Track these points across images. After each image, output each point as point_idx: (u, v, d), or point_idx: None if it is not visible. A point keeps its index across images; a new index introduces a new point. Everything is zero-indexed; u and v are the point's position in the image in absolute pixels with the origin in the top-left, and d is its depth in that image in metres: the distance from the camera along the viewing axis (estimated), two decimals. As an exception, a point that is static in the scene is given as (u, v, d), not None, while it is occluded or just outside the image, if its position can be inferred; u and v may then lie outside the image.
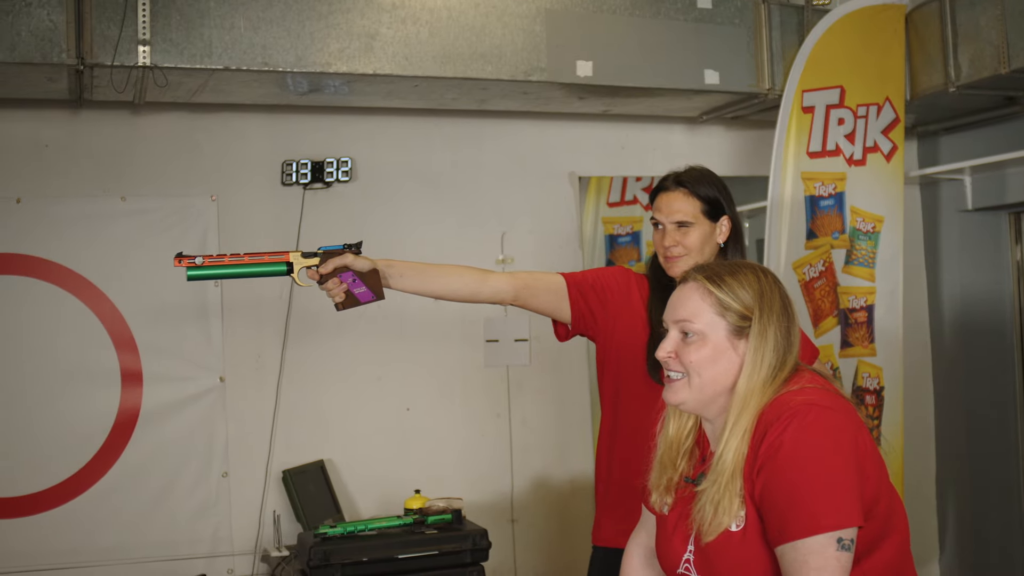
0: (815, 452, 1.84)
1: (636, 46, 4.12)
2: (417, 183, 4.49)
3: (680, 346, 2.01)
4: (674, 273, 2.86)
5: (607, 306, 2.90)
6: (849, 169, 4.27)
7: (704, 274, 2.02)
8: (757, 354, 1.96)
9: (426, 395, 4.45)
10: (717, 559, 1.96)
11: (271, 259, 2.75)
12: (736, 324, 1.97)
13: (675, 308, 2.03)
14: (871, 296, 4.30)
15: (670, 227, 2.84)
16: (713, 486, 1.93)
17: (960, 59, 4.28)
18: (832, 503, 1.82)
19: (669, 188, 2.89)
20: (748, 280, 2.00)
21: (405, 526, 3.61)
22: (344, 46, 3.77)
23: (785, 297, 2.02)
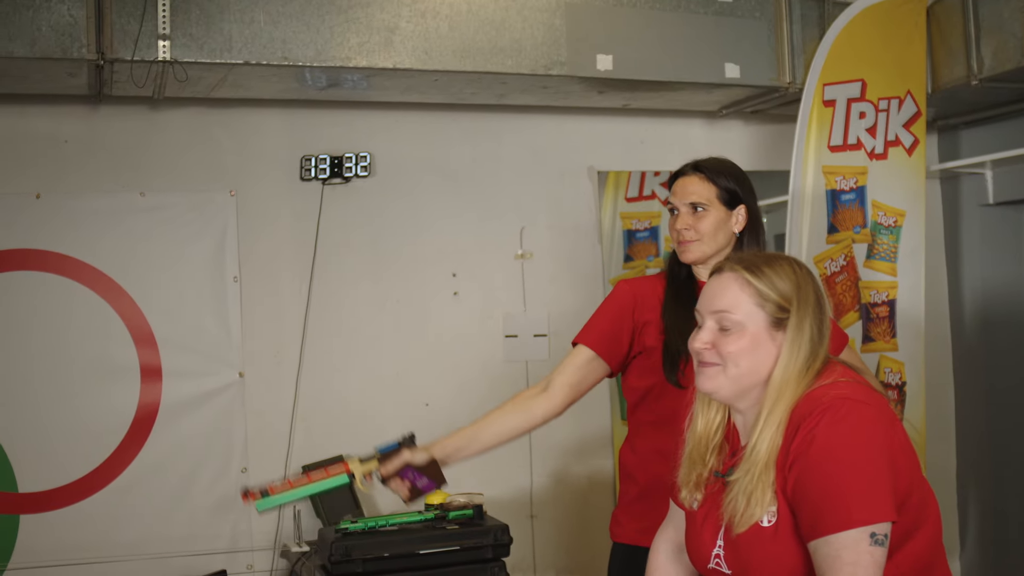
0: (848, 446, 1.83)
1: (656, 40, 4.10)
2: (436, 178, 4.48)
3: (717, 337, 1.99)
4: (687, 259, 2.86)
5: (632, 332, 2.87)
6: (870, 163, 4.24)
7: (742, 264, 2.00)
8: (793, 346, 1.95)
9: (445, 390, 4.43)
10: (748, 554, 1.94)
11: (331, 473, 2.92)
12: (775, 316, 1.96)
13: (712, 299, 2.02)
14: (893, 291, 4.27)
15: (684, 210, 2.84)
16: (746, 476, 1.92)
17: (983, 52, 4.24)
18: (865, 498, 1.80)
19: (686, 173, 2.90)
20: (785, 271, 1.99)
21: (426, 521, 3.60)
22: (364, 40, 3.76)
23: (819, 289, 2.01)
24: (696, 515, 2.10)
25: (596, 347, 2.87)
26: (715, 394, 2.02)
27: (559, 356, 4.51)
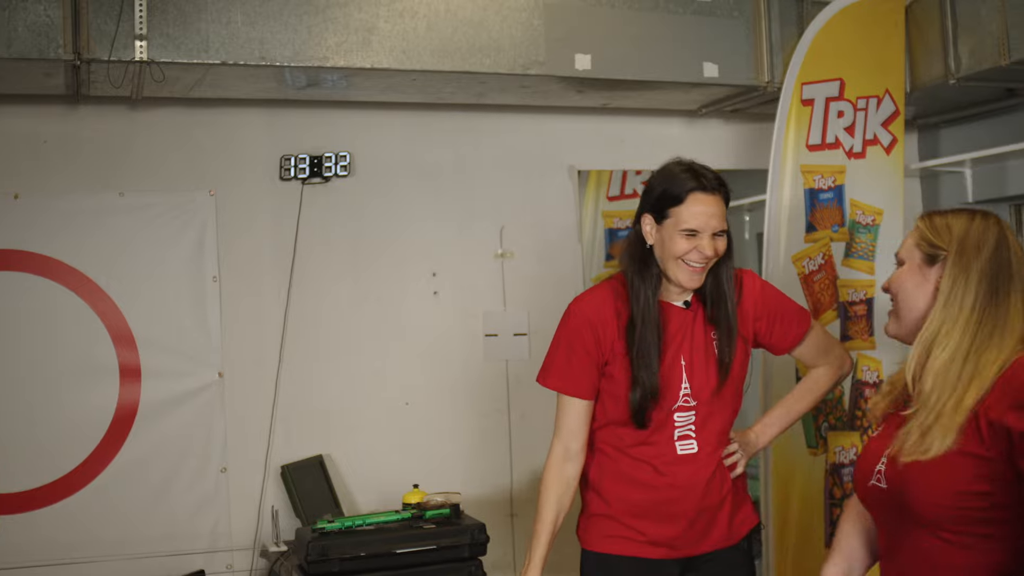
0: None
1: (634, 39, 4.11)
2: (416, 177, 4.48)
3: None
4: (695, 284, 2.70)
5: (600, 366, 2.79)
6: (849, 162, 4.25)
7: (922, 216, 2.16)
8: (955, 286, 2.02)
9: (425, 390, 4.44)
10: (908, 469, 1.98)
11: None
12: (927, 252, 2.08)
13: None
14: (871, 289, 4.28)
15: (708, 236, 2.65)
16: (923, 412, 1.97)
17: (960, 51, 4.26)
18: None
19: (708, 190, 2.68)
20: (960, 218, 2.08)
21: (403, 521, 3.61)
22: (342, 40, 3.76)
23: (1005, 240, 2.05)
24: (870, 443, 2.17)
25: (587, 395, 2.80)
26: (896, 335, 2.15)
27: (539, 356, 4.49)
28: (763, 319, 2.86)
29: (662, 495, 2.78)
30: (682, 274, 2.68)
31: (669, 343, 2.74)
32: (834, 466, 4.16)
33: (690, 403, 2.75)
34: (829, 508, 4.16)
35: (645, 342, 2.70)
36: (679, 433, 2.76)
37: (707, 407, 2.76)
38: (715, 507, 2.81)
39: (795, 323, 2.92)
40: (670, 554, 2.80)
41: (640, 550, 2.80)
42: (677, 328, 2.76)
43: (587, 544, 2.89)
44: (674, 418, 2.75)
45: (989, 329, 1.96)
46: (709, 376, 2.76)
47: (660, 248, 2.71)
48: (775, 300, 2.91)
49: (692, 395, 2.75)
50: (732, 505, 2.86)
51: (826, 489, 4.16)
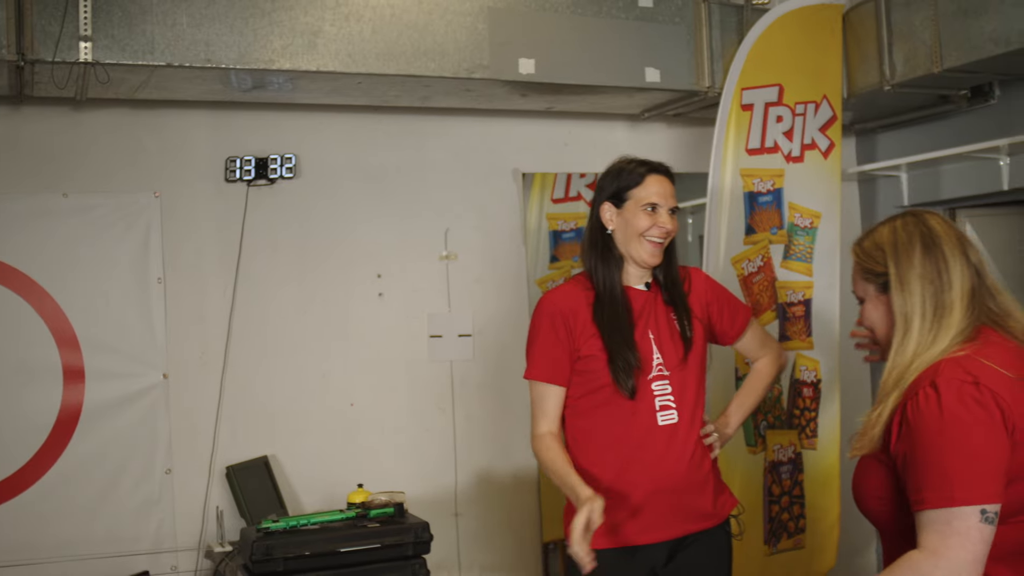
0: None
1: (578, 44, 4.17)
2: (361, 179, 4.51)
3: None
4: (655, 261, 2.94)
5: (571, 352, 2.93)
6: (787, 166, 4.34)
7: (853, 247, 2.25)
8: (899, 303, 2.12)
9: (370, 390, 4.47)
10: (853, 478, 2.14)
11: None
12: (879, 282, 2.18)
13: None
14: (808, 290, 4.37)
15: (666, 212, 2.94)
16: (872, 412, 2.10)
17: (895, 58, 4.36)
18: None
19: (662, 172, 3.00)
20: (883, 233, 2.19)
21: (347, 520, 3.63)
22: (287, 43, 3.78)
23: (930, 240, 2.12)
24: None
25: (563, 381, 2.93)
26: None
27: (483, 356, 4.60)
28: (714, 304, 3.07)
29: (650, 469, 2.87)
30: (644, 250, 2.91)
31: (636, 320, 2.93)
32: (772, 464, 4.24)
33: (664, 372, 2.91)
34: (768, 505, 4.24)
35: (616, 317, 2.89)
36: (660, 403, 2.90)
37: (679, 375, 2.92)
38: (700, 483, 2.93)
39: (740, 311, 3.15)
40: (658, 538, 2.88)
41: (629, 538, 2.87)
42: (641, 307, 2.95)
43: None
44: (652, 387, 2.90)
45: (935, 332, 2.05)
46: (676, 347, 2.94)
47: (622, 230, 2.94)
48: (722, 290, 3.16)
49: (665, 364, 2.91)
50: (715, 484, 2.99)
51: (765, 487, 4.24)
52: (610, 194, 2.98)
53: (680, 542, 2.91)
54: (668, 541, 2.89)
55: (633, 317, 2.93)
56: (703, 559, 2.94)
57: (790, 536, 4.32)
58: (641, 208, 2.92)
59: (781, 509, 4.28)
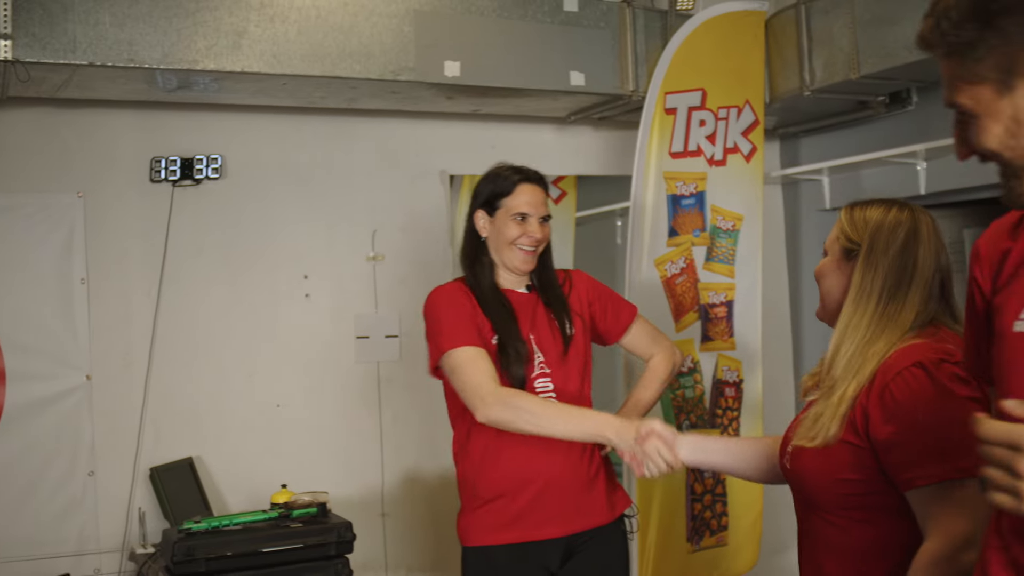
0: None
1: (504, 47, 4.20)
2: (288, 180, 4.51)
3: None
4: (527, 269, 2.97)
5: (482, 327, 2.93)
6: (710, 169, 4.40)
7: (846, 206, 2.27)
8: (863, 280, 2.13)
9: (297, 391, 4.47)
10: (800, 457, 2.13)
11: None
12: (844, 247, 2.19)
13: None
14: (731, 292, 4.44)
15: (536, 220, 2.96)
16: (820, 402, 2.11)
17: (814, 64, 4.45)
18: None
19: (533, 181, 3.01)
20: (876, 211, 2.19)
21: (270, 520, 3.64)
22: (212, 43, 3.78)
23: (911, 238, 2.14)
24: (793, 423, 2.29)
25: (480, 343, 2.86)
26: (820, 318, 2.28)
27: (410, 357, 4.62)
28: (596, 302, 3.11)
29: (539, 465, 2.88)
30: (516, 258, 2.95)
31: (518, 320, 2.96)
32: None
33: (546, 370, 2.93)
34: (691, 503, 4.30)
35: (502, 315, 2.92)
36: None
37: (561, 371, 2.95)
38: (591, 479, 2.95)
39: (624, 308, 3.19)
40: (553, 533, 2.89)
41: (523, 534, 2.87)
42: (521, 309, 2.98)
43: (468, 540, 2.94)
44: (535, 385, 2.92)
45: (885, 322, 2.08)
46: (556, 344, 2.97)
47: (494, 238, 2.98)
48: (604, 289, 3.19)
49: (546, 362, 2.94)
50: (607, 481, 3.01)
51: (687, 485, 4.30)
52: (483, 201, 3.02)
53: (575, 539, 2.92)
54: (563, 538, 2.91)
55: (515, 315, 2.96)
56: (599, 559, 2.96)
57: (712, 534, 4.38)
58: (511, 217, 2.95)
59: (704, 507, 4.35)
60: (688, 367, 4.28)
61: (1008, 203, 1.45)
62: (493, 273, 2.99)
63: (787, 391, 5.28)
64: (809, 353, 5.31)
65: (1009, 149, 1.40)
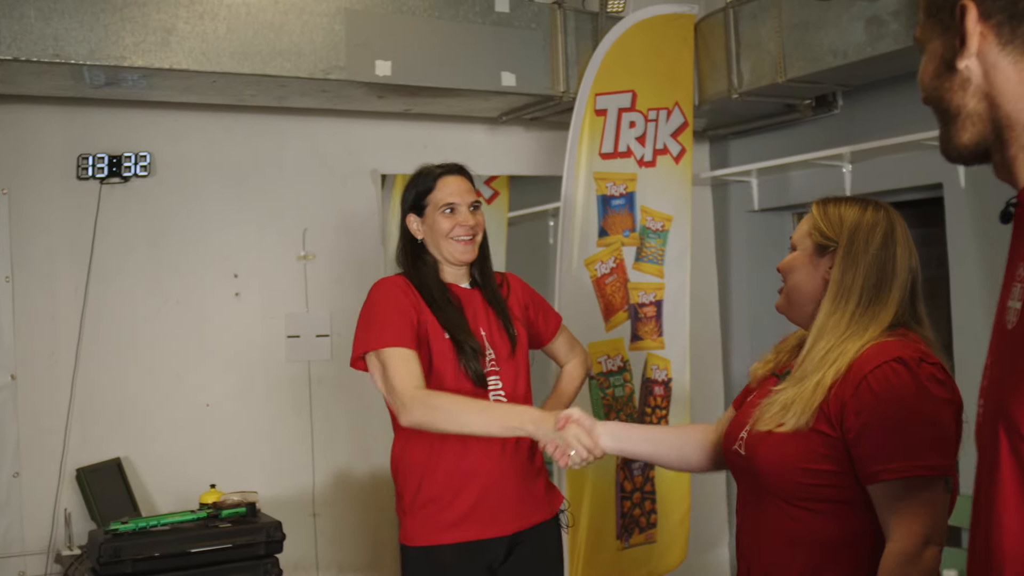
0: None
1: (435, 47, 4.21)
2: (218, 179, 4.48)
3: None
4: (469, 258, 2.99)
5: (419, 325, 2.91)
6: (640, 170, 4.45)
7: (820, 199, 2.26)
8: (844, 276, 2.14)
9: (226, 391, 4.44)
10: (759, 442, 2.13)
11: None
12: (819, 243, 2.20)
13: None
14: (660, 292, 4.49)
15: (466, 209, 2.97)
16: (791, 389, 2.11)
17: (742, 67, 4.52)
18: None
19: (453, 172, 3.04)
20: (853, 209, 2.20)
21: (198, 520, 3.61)
22: (140, 40, 3.74)
23: (889, 237, 2.16)
24: (746, 404, 2.29)
25: (410, 344, 2.83)
26: (782, 311, 2.28)
27: (342, 356, 4.58)
28: (531, 306, 3.17)
29: (483, 464, 2.90)
30: (455, 250, 2.97)
31: (467, 315, 2.98)
32: (625, 460, 4.34)
33: (495, 367, 2.96)
34: (620, 501, 4.35)
35: (451, 312, 2.94)
36: (493, 397, 2.94)
37: (509, 369, 2.98)
38: (534, 476, 3.00)
39: (553, 315, 3.27)
40: (497, 532, 2.91)
41: (468, 533, 2.88)
42: (467, 304, 3.01)
43: (411, 540, 2.93)
44: (487, 381, 2.94)
45: (867, 321, 2.10)
46: (504, 342, 3.00)
47: (430, 236, 3.00)
48: (536, 294, 3.25)
49: (496, 360, 2.96)
50: (546, 478, 3.07)
51: (617, 483, 4.34)
52: (410, 205, 3.05)
53: (516, 537, 2.95)
54: (506, 536, 2.93)
55: (463, 310, 2.99)
56: (538, 554, 3.00)
57: (642, 531, 4.43)
58: (439, 211, 2.97)
59: (633, 505, 4.39)
60: (618, 366, 4.32)
61: (944, 154, 1.45)
62: (436, 270, 3.01)
63: (716, 389, 5.36)
64: (738, 352, 5.39)
65: (934, 89, 1.40)
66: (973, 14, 1.31)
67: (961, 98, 1.36)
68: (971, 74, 1.34)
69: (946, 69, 1.37)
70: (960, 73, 1.35)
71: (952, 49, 1.35)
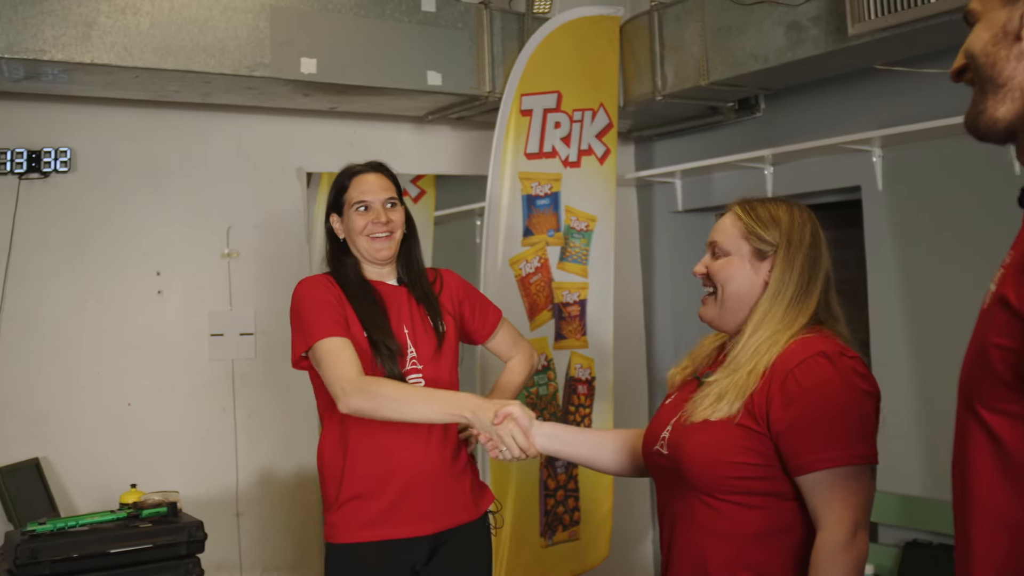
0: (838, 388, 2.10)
1: (361, 45, 4.21)
2: (141, 175, 4.42)
3: (711, 264, 2.27)
4: (386, 256, 3.00)
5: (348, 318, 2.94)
6: (564, 170, 4.48)
7: (740, 203, 2.28)
8: (783, 277, 2.19)
9: (148, 390, 4.39)
10: (684, 438, 2.16)
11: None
12: (758, 247, 2.22)
13: (713, 233, 2.28)
14: (584, 291, 4.53)
15: (379, 206, 2.99)
16: (724, 379, 2.14)
17: (666, 70, 4.57)
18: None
19: (366, 171, 3.07)
20: (780, 211, 2.24)
21: (118, 520, 3.57)
22: (60, 34, 3.69)
23: (817, 236, 2.23)
24: (662, 408, 2.32)
25: (345, 333, 2.85)
26: (712, 321, 2.27)
27: (266, 354, 4.58)
28: (466, 302, 3.17)
29: (406, 462, 2.91)
30: (372, 247, 2.99)
31: (391, 313, 2.99)
32: (548, 459, 4.37)
33: (417, 366, 2.96)
34: (544, 499, 4.38)
35: (372, 307, 2.95)
36: None
37: (432, 368, 2.98)
38: (458, 476, 3.00)
39: (491, 311, 3.26)
40: (419, 531, 2.91)
41: (390, 532, 2.89)
42: (392, 301, 3.01)
43: (333, 537, 2.93)
44: (406, 380, 2.94)
45: (793, 316, 2.16)
46: (429, 340, 3.00)
47: (349, 235, 3.03)
48: (473, 290, 3.26)
49: (418, 358, 2.97)
50: (472, 479, 3.06)
51: (541, 481, 4.37)
52: (331, 205, 3.10)
53: (440, 537, 2.96)
54: (428, 536, 2.94)
55: (385, 308, 2.99)
56: (463, 555, 3.00)
57: (565, 528, 4.46)
58: (353, 210, 3.01)
59: (556, 503, 4.42)
60: (542, 365, 4.35)
61: (969, 126, 1.50)
62: (358, 269, 3.04)
63: (639, 388, 5.41)
64: (661, 351, 5.45)
65: (986, 56, 1.44)
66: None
67: (1014, 68, 1.42)
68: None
69: (1005, 38, 1.43)
70: (1021, 43, 1.41)
71: (1020, 20, 1.41)
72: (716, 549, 2.12)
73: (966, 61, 1.49)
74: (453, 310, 3.12)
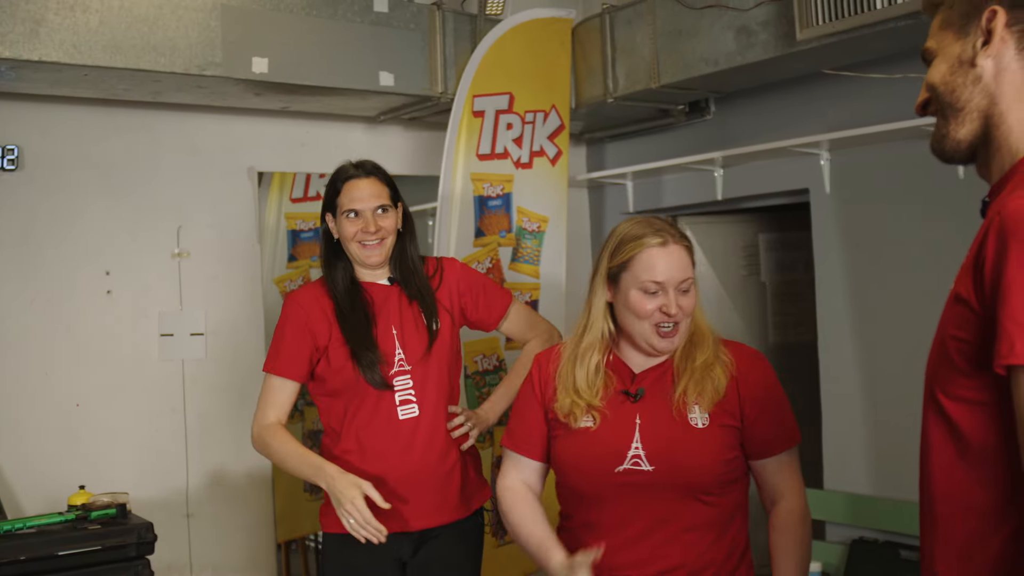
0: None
1: (313, 45, 4.20)
2: (89, 174, 4.38)
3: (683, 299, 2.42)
4: (375, 261, 3.02)
5: (312, 348, 3.01)
6: (516, 171, 4.50)
7: (683, 239, 2.43)
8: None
9: (97, 390, 4.35)
10: (677, 447, 2.36)
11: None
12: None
13: (679, 270, 2.39)
14: (536, 292, 4.55)
15: (369, 213, 2.99)
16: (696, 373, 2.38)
17: (618, 72, 4.60)
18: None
19: (359, 176, 3.06)
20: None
21: (67, 523, 3.53)
22: (7, 30, 3.65)
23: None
24: (595, 432, 2.42)
25: (290, 374, 3.02)
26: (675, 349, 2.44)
27: (216, 355, 4.56)
28: (467, 294, 3.17)
29: (391, 462, 2.96)
30: (361, 253, 3.01)
31: (378, 315, 3.02)
32: (499, 459, 4.37)
33: (405, 367, 3.00)
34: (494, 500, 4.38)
35: (355, 319, 2.99)
36: (400, 398, 2.99)
37: (421, 368, 3.01)
38: (446, 476, 3.03)
39: (498, 297, 3.24)
40: (404, 527, 2.94)
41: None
42: (383, 302, 3.05)
43: (326, 527, 3.01)
44: (393, 383, 2.98)
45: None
46: (420, 340, 3.03)
47: (341, 239, 3.05)
48: (477, 278, 3.26)
49: (406, 360, 3.00)
50: (463, 477, 3.08)
51: (492, 480, 4.37)
52: (326, 204, 3.10)
53: (426, 533, 3.00)
54: (413, 532, 2.98)
55: (373, 312, 3.03)
56: (450, 549, 3.05)
57: (517, 528, 4.47)
58: (344, 216, 3.02)
59: (508, 502, 4.43)
60: (494, 365, 4.36)
61: (934, 150, 1.65)
62: (350, 272, 3.07)
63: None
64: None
65: (945, 84, 1.60)
66: (1002, 18, 1.52)
67: (970, 93, 1.57)
68: (984, 72, 1.55)
69: (961, 66, 1.58)
70: (976, 70, 1.56)
71: (972, 49, 1.56)
72: (699, 536, 2.37)
73: (928, 94, 1.64)
74: (451, 305, 3.13)
